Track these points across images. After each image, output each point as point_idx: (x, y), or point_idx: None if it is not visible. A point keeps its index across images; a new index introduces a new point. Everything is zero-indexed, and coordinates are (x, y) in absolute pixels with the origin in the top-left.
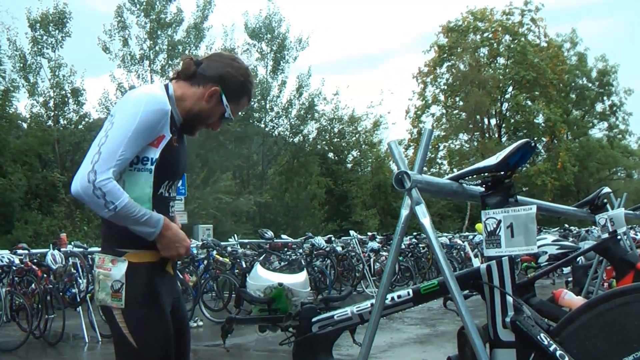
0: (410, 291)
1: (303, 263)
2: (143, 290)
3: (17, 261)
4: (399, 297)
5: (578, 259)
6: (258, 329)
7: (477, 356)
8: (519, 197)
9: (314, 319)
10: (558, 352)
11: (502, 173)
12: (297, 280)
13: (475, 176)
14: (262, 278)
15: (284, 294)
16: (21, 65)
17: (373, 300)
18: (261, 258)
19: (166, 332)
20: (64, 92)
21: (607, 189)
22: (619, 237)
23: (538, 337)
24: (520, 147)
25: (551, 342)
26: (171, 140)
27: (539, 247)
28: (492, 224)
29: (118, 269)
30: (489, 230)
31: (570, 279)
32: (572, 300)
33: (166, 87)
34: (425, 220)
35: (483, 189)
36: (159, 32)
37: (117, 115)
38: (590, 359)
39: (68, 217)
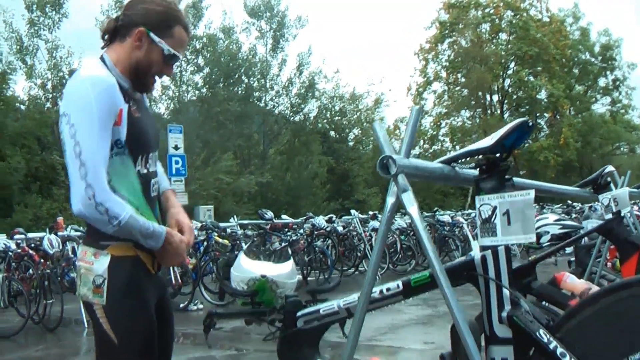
0: (400, 283)
1: (289, 252)
2: (125, 286)
3: (13, 246)
4: (387, 290)
5: None
6: (245, 322)
7: (469, 357)
8: (517, 179)
9: (299, 313)
10: (559, 350)
11: (498, 155)
12: (283, 270)
13: (468, 159)
14: (245, 269)
15: (268, 286)
16: (18, 47)
17: None
18: (245, 247)
19: (149, 329)
20: (61, 73)
21: (610, 168)
22: (623, 217)
23: (537, 333)
24: (517, 127)
25: (551, 339)
26: (129, 110)
27: (540, 227)
28: (487, 210)
29: (100, 263)
30: (483, 217)
31: (572, 258)
32: (574, 284)
33: (102, 59)
34: (413, 209)
35: (477, 173)
36: None
37: (72, 113)
38: (594, 356)
39: (68, 199)
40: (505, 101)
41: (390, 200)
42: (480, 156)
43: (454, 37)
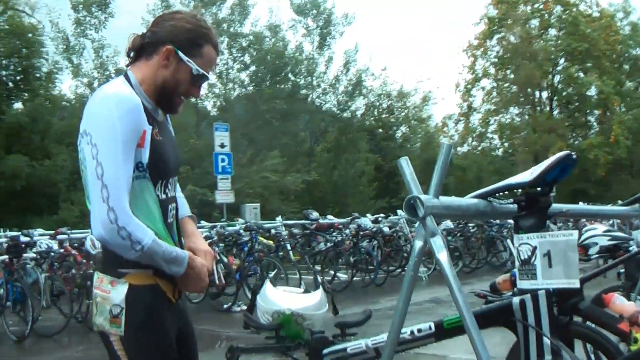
0: (432, 325)
1: (319, 280)
2: (145, 316)
3: (55, 247)
4: (419, 331)
5: (630, 248)
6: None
7: None
8: (558, 205)
9: (325, 351)
10: None
11: (539, 190)
12: (310, 302)
13: (506, 193)
14: (270, 300)
15: (293, 320)
16: (64, 47)
17: None
18: (272, 275)
19: None
20: (108, 72)
21: None
22: None
23: None
24: (560, 161)
25: None
26: (152, 133)
27: (589, 237)
28: (527, 251)
29: (117, 292)
30: (522, 258)
31: (622, 270)
32: (623, 306)
33: (126, 77)
34: (442, 255)
35: (516, 208)
36: (203, 10)
37: (94, 133)
38: None
39: None
40: (555, 98)
41: (417, 244)
42: (520, 190)
43: (502, 33)
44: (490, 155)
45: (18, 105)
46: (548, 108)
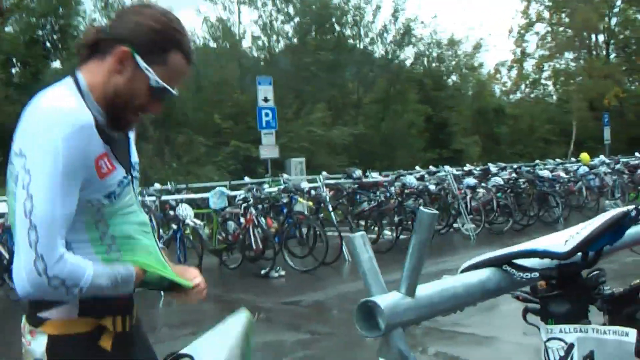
0: None
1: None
2: None
3: None
4: None
5: None
6: None
7: None
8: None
9: None
10: None
11: (580, 259)
12: None
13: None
14: None
15: None
16: (103, 4)
17: None
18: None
19: None
20: None
21: None
22: None
23: None
24: (612, 225)
25: None
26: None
27: None
28: (558, 349)
29: (37, 344)
30: (552, 359)
31: None
32: None
33: (76, 82)
34: None
35: (543, 286)
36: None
37: (30, 157)
38: None
39: (157, 154)
40: (612, 41)
41: None
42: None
43: None
44: (544, 103)
45: (56, 64)
46: (604, 52)
